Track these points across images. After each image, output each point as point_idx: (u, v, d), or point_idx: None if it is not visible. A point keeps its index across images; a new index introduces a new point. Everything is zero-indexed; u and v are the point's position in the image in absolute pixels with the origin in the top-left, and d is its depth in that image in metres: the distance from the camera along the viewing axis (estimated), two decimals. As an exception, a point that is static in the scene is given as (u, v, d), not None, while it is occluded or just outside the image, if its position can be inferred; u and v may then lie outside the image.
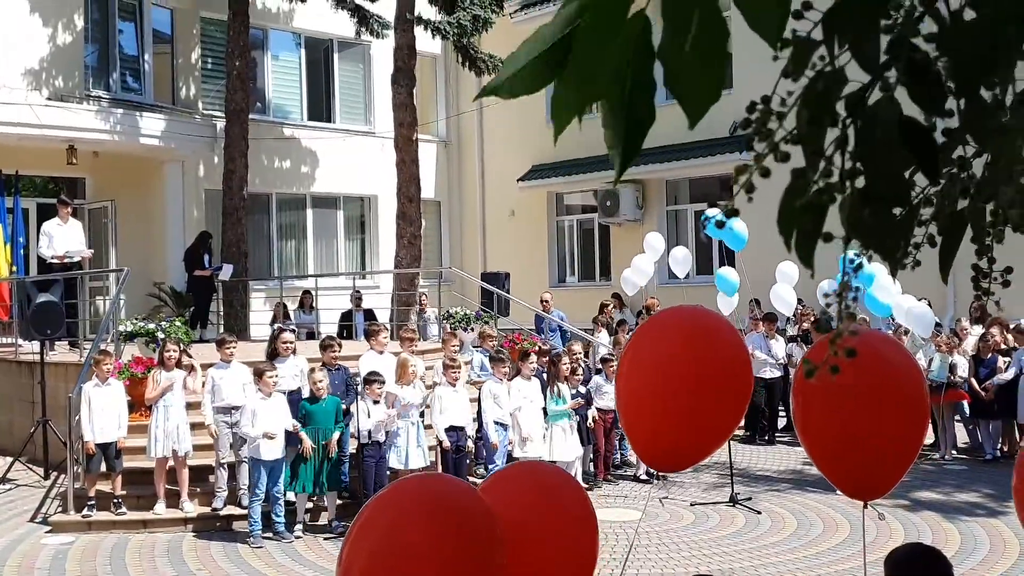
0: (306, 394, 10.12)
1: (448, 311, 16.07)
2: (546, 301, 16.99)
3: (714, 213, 14.15)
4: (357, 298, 17.67)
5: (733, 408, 3.79)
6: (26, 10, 17.28)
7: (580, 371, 12.02)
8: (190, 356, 10.71)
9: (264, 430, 9.35)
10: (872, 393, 3.40)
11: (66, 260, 14.12)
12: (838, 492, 4.05)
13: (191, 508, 10.13)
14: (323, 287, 18.71)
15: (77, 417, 10.20)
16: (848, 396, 3.36)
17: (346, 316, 17.70)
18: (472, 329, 15.24)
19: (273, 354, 10.54)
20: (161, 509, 10.11)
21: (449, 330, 13.85)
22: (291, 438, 9.69)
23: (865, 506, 4.25)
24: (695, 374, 3.62)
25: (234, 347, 10.62)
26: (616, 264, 21.29)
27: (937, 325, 13.46)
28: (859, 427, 3.43)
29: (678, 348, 3.72)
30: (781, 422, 15.05)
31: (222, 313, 18.13)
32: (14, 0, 16.97)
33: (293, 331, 10.74)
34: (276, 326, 12.21)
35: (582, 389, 11.73)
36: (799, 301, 14.97)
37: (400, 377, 10.19)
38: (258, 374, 9.67)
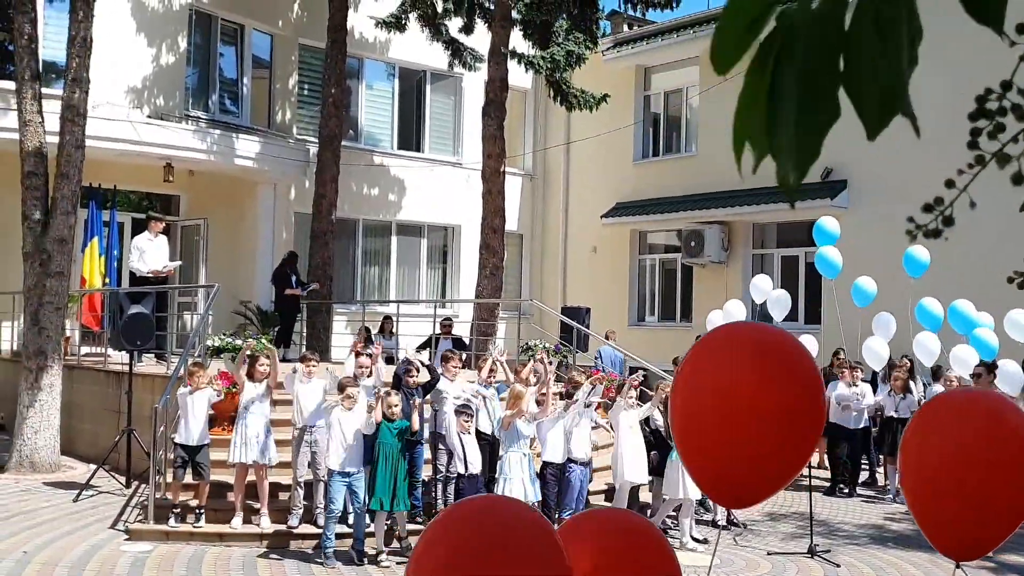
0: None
1: (527, 343, 16.04)
2: (611, 334, 17.05)
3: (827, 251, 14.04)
4: (447, 325, 17.40)
5: (805, 439, 3.45)
6: (132, 30, 17.89)
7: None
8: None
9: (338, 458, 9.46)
10: (987, 452, 3.28)
11: (160, 274, 14.45)
12: (919, 550, 3.86)
13: (267, 524, 10.21)
14: (404, 313, 18.84)
15: (161, 428, 10.39)
16: (961, 451, 3.24)
17: (427, 344, 17.53)
18: (551, 361, 15.18)
19: (352, 374, 10.64)
20: (238, 524, 10.20)
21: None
22: (367, 457, 9.71)
23: (958, 566, 4.05)
24: (761, 398, 3.27)
25: (316, 364, 10.72)
26: (698, 305, 21.09)
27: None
28: (970, 485, 3.30)
29: (744, 369, 3.34)
30: (863, 475, 14.71)
31: (305, 335, 18.37)
32: (121, 20, 17.57)
33: (370, 355, 10.77)
34: (355, 347, 12.28)
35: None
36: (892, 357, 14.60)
37: (511, 406, 10.15)
38: (341, 388, 9.74)
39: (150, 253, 14.52)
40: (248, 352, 10.84)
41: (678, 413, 3.52)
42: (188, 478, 10.39)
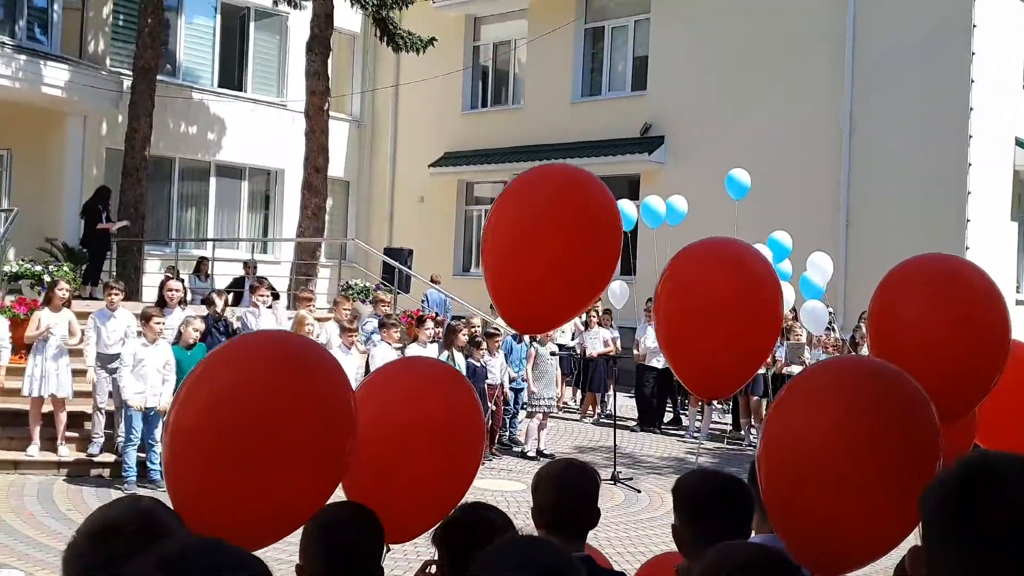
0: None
1: (348, 282, 15.96)
2: (436, 277, 17.20)
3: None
4: (251, 266, 17.10)
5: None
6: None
7: (482, 344, 12.13)
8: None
9: (136, 394, 9.24)
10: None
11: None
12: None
13: (66, 452, 9.87)
14: (221, 257, 18.36)
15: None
16: None
17: (238, 283, 17.17)
18: (370, 301, 15.16)
19: (160, 303, 10.35)
20: (34, 452, 9.82)
21: (342, 295, 13.71)
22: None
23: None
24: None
25: (119, 295, 10.36)
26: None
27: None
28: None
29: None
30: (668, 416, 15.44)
31: (114, 274, 17.63)
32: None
33: (181, 280, 10.52)
34: (164, 274, 11.97)
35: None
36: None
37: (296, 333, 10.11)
38: (145, 318, 9.49)
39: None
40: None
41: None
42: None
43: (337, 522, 2.57)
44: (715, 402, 13.71)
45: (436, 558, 2.91)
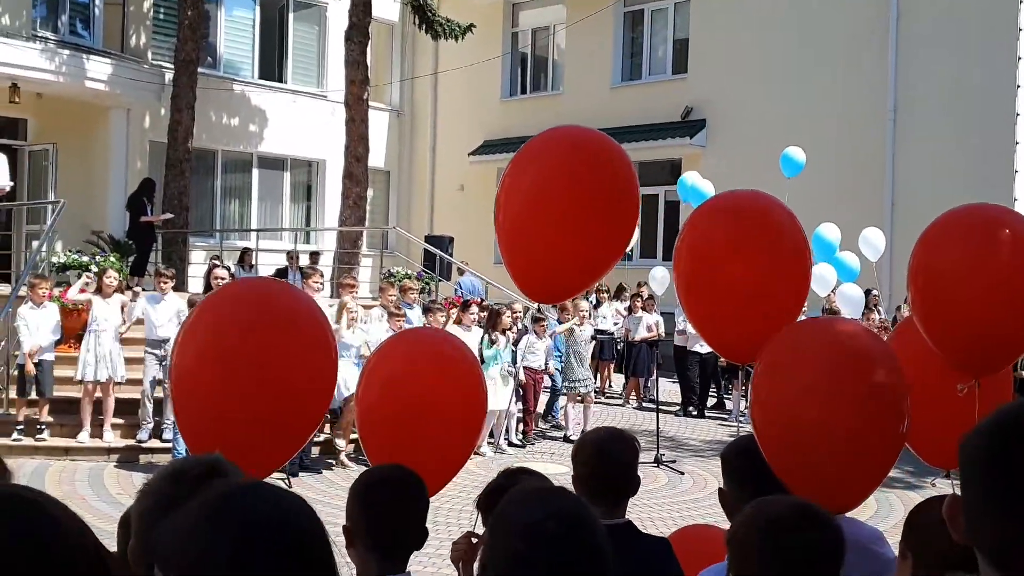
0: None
1: (389, 270, 16.03)
2: (465, 264, 17.23)
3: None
4: (295, 256, 17.20)
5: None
6: (-26, -56, 16.92)
7: (515, 329, 12.15)
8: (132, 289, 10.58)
9: None
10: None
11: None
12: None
13: (112, 438, 10.02)
14: (264, 248, 18.52)
15: (2, 343, 10.04)
16: None
17: (281, 273, 17.30)
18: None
19: (207, 290, 10.46)
20: (85, 438, 9.99)
21: (387, 281, 13.74)
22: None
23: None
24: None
25: (169, 281, 10.49)
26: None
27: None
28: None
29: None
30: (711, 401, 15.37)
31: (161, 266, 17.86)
32: (-37, -67, 16.61)
33: (227, 268, 10.63)
34: (210, 261, 12.08)
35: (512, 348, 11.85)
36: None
37: (338, 319, 10.17)
38: (192, 305, 9.58)
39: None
40: (94, 271, 10.55)
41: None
42: (33, 394, 10.09)
43: (379, 482, 2.61)
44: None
45: (475, 528, 2.92)
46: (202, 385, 2.91)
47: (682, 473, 10.71)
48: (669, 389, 15.38)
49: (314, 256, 16.86)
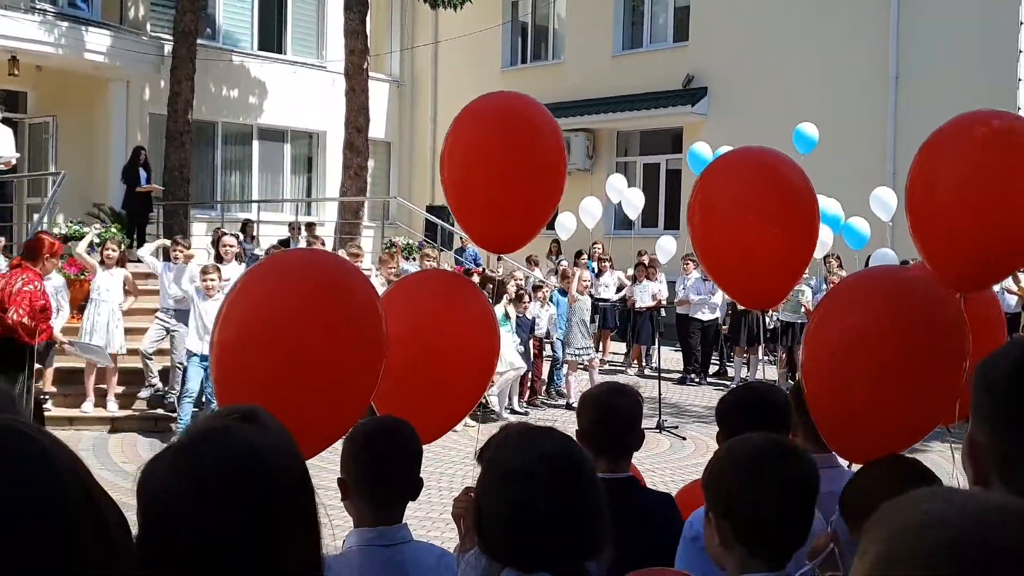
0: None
1: (391, 240, 16.04)
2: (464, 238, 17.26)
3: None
4: (297, 227, 17.22)
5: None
6: (-29, -86, 16.79)
7: (527, 297, 12.20)
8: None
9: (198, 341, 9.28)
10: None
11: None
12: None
13: (115, 408, 10.07)
14: (266, 219, 18.50)
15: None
16: None
17: (283, 244, 17.28)
18: (414, 259, 15.23)
19: (217, 259, 10.46)
20: (88, 408, 10.03)
21: (387, 253, 13.77)
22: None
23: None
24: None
25: (184, 250, 10.44)
26: (563, 210, 21.36)
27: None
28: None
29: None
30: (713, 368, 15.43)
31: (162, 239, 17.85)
32: (-42, -97, 16.47)
33: (236, 236, 10.61)
34: (217, 229, 12.07)
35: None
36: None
37: None
38: (204, 272, 9.58)
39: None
40: (95, 239, 10.53)
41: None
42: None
43: (372, 434, 2.62)
44: (761, 354, 13.65)
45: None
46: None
47: (684, 438, 10.77)
48: (671, 357, 15.42)
49: (310, 227, 16.82)
